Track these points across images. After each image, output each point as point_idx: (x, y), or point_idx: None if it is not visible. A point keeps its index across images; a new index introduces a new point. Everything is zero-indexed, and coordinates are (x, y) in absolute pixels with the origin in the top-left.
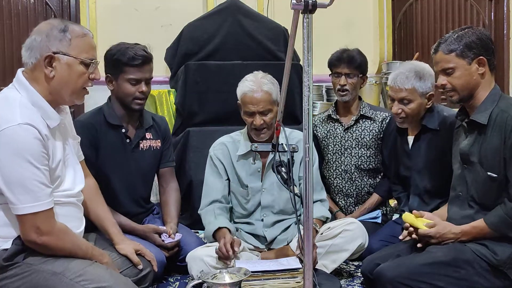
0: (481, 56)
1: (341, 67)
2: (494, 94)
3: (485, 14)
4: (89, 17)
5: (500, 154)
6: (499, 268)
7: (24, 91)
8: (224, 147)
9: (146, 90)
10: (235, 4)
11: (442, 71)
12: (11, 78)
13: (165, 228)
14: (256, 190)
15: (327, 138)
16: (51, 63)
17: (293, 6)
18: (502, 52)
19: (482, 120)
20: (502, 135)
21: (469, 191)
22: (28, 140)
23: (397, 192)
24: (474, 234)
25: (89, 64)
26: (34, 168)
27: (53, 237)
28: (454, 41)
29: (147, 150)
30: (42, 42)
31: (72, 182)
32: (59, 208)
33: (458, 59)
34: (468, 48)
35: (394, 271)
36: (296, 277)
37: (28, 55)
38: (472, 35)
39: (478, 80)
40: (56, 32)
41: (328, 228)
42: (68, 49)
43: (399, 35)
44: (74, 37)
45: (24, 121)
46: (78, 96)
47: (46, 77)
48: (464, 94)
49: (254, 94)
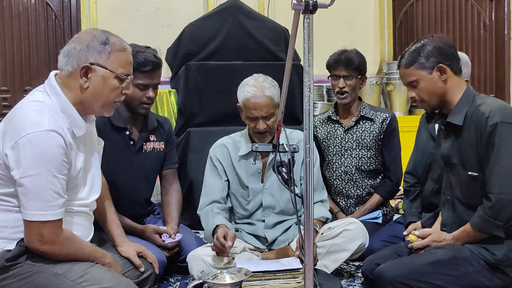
0: (440, 64)
1: (339, 69)
2: (467, 95)
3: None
4: (90, 17)
5: (478, 152)
6: (498, 266)
7: (55, 97)
8: (224, 148)
9: (153, 95)
10: (235, 5)
11: (408, 84)
12: (12, 78)
13: (165, 229)
14: (257, 191)
15: (328, 139)
16: (87, 74)
17: (294, 6)
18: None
19: (458, 121)
20: (478, 133)
21: (455, 193)
22: (52, 147)
23: (408, 184)
24: (465, 238)
25: (124, 80)
26: (52, 176)
27: (57, 246)
28: (412, 54)
29: (151, 152)
30: (82, 51)
31: (89, 192)
32: (70, 217)
33: (418, 71)
34: (425, 58)
35: (394, 271)
36: (296, 277)
37: (65, 61)
38: (428, 44)
39: (443, 86)
40: (96, 43)
41: (329, 228)
42: (106, 62)
43: (400, 35)
44: (114, 51)
45: (51, 127)
46: (108, 108)
47: (81, 87)
48: (434, 103)
49: (257, 100)
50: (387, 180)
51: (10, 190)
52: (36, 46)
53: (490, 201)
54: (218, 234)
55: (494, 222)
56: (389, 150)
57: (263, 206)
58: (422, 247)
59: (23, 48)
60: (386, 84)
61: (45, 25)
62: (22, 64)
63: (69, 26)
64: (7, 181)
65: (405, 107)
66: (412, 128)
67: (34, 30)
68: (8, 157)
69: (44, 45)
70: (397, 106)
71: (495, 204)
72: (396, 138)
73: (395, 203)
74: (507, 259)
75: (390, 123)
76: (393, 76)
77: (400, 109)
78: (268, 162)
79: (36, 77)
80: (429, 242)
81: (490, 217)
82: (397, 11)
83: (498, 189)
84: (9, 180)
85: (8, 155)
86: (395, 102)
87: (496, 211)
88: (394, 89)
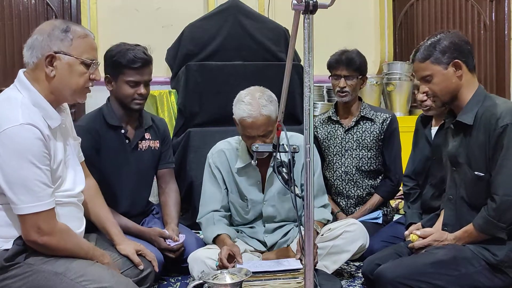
0: (456, 59)
1: (340, 69)
2: (478, 94)
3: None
4: (90, 17)
5: (486, 153)
6: (499, 267)
7: (25, 91)
8: (223, 155)
9: (145, 92)
10: (236, 5)
11: (422, 79)
12: (12, 79)
13: (169, 234)
14: (257, 202)
15: (328, 139)
16: (52, 63)
17: (294, 6)
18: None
19: (468, 120)
20: (487, 134)
21: (459, 192)
22: (30, 140)
23: (408, 188)
24: (467, 239)
25: (89, 65)
26: (35, 168)
27: (55, 237)
28: (428, 48)
29: (146, 150)
30: (44, 41)
31: (73, 183)
32: (59, 208)
33: (434, 65)
34: (441, 53)
35: (394, 271)
36: (297, 278)
37: (29, 54)
38: (444, 39)
39: (458, 82)
40: (58, 32)
41: (329, 229)
42: (69, 49)
43: (400, 36)
44: (76, 38)
45: (26, 121)
46: (80, 94)
47: (47, 76)
48: (446, 98)
49: (253, 120)
50: (387, 180)
51: None
52: None
53: (494, 202)
54: (222, 256)
55: (497, 223)
56: (389, 150)
57: (263, 217)
58: (423, 247)
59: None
60: (386, 84)
61: None
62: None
63: None
64: None
65: (405, 107)
66: (412, 128)
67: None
68: None
69: None
70: (397, 106)
71: (499, 206)
72: (396, 138)
73: (396, 203)
74: (508, 259)
75: (390, 123)
76: (393, 77)
77: (400, 109)
78: (268, 174)
79: None
80: (430, 242)
81: (494, 218)
82: (397, 11)
83: (503, 191)
84: None
85: None
86: (395, 102)
87: (500, 212)
88: (394, 89)
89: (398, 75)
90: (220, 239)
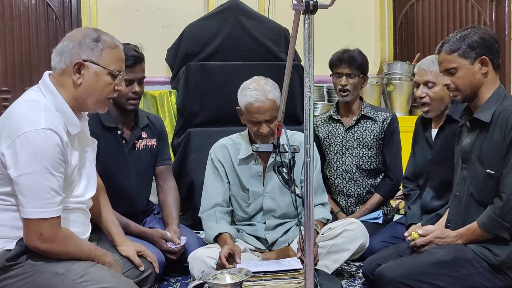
0: (484, 56)
1: (342, 67)
2: (498, 93)
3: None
4: (90, 17)
5: (499, 152)
6: (500, 268)
7: (49, 95)
8: (225, 149)
9: (139, 90)
10: (236, 5)
11: (445, 71)
12: (13, 79)
13: (171, 237)
14: (258, 194)
15: (329, 138)
16: (80, 71)
17: (294, 6)
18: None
19: (486, 118)
20: (503, 133)
21: (468, 189)
22: (49, 145)
23: (408, 189)
24: (469, 236)
25: (116, 76)
26: (49, 174)
27: (56, 244)
28: (457, 41)
29: (144, 149)
30: (74, 49)
31: (84, 189)
32: (67, 213)
33: (461, 59)
34: (470, 48)
35: (394, 271)
36: (297, 278)
37: (58, 59)
38: (474, 34)
39: (481, 79)
40: (88, 40)
41: (329, 228)
42: (98, 59)
43: (400, 36)
44: (106, 48)
45: (47, 126)
46: (101, 105)
47: (74, 83)
48: (467, 94)
49: (260, 104)
50: (387, 180)
51: (7, 189)
52: (37, 47)
53: (501, 201)
54: (222, 254)
55: (502, 222)
56: (389, 149)
57: (263, 210)
58: (425, 244)
59: (24, 48)
60: (387, 84)
61: (45, 26)
62: (23, 64)
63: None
64: (4, 180)
65: (405, 107)
66: (413, 128)
67: (35, 30)
68: (5, 156)
69: (44, 46)
70: (397, 106)
71: (505, 204)
72: (396, 138)
73: (396, 203)
74: (510, 260)
75: (391, 122)
76: (393, 77)
77: (400, 109)
78: (268, 164)
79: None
80: (432, 239)
81: (499, 217)
82: (398, 11)
83: (510, 189)
84: (6, 179)
85: (5, 154)
86: (396, 102)
87: (505, 211)
88: (394, 89)
89: (398, 75)
90: (221, 238)
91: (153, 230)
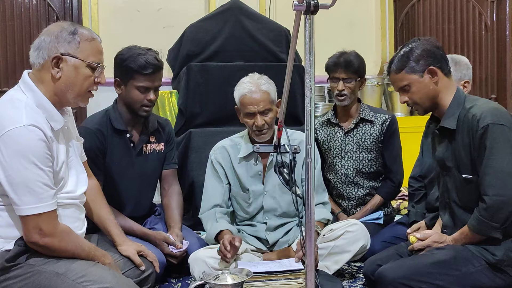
0: (431, 66)
1: (338, 71)
2: (458, 97)
3: (487, 15)
4: (91, 18)
5: (471, 155)
6: (498, 266)
7: (29, 93)
8: (224, 151)
9: (154, 98)
10: (237, 5)
11: (400, 89)
12: (14, 80)
13: (173, 240)
14: (258, 194)
15: (328, 142)
16: (58, 64)
17: (295, 7)
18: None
19: (451, 125)
20: (470, 135)
21: (452, 196)
22: (33, 141)
23: (413, 188)
24: (464, 240)
25: (95, 68)
26: (38, 169)
27: (56, 239)
28: (401, 58)
29: (151, 153)
30: (51, 43)
31: (75, 184)
32: (61, 210)
33: (409, 75)
34: (415, 62)
35: (395, 272)
36: (298, 278)
37: (36, 55)
38: (416, 48)
39: (435, 88)
40: (65, 34)
41: (331, 229)
42: (76, 52)
43: (401, 36)
44: (83, 40)
45: (29, 122)
46: (83, 98)
47: (53, 77)
48: (426, 105)
49: (253, 95)
50: (388, 181)
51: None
52: None
53: (484, 203)
54: (224, 239)
55: (490, 223)
56: (389, 151)
57: (264, 209)
58: (422, 249)
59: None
60: (388, 84)
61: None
62: (24, 65)
63: None
64: None
65: (406, 107)
66: (414, 129)
67: (36, 31)
68: None
69: None
70: (398, 106)
71: (490, 206)
72: (396, 139)
73: (397, 204)
74: (508, 258)
75: (390, 124)
76: None
77: (401, 110)
78: (268, 163)
79: None
80: (429, 243)
81: (486, 218)
82: (399, 12)
83: (492, 191)
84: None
85: None
86: (397, 102)
87: (491, 212)
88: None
89: None
90: (222, 235)
91: (156, 232)
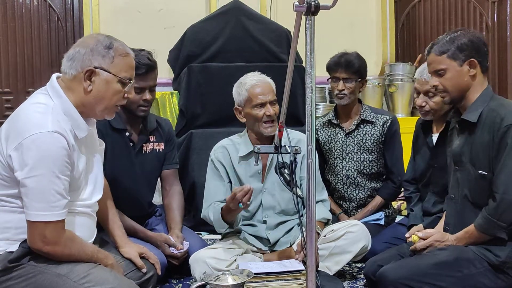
0: (472, 58)
1: (339, 71)
2: (485, 95)
3: (488, 16)
4: (92, 19)
5: (490, 152)
6: (501, 268)
7: (57, 99)
8: (225, 150)
9: (150, 98)
10: (238, 6)
11: (434, 72)
12: (14, 80)
13: (174, 242)
14: (257, 191)
15: (329, 143)
16: (91, 78)
17: (296, 8)
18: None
19: (472, 118)
20: (491, 133)
21: (462, 192)
22: (55, 148)
23: (409, 192)
24: (468, 239)
25: (126, 84)
26: (55, 177)
27: (59, 247)
28: (446, 43)
29: (151, 153)
30: (86, 55)
31: (91, 193)
32: (73, 217)
33: (450, 60)
34: (459, 50)
35: (396, 273)
36: (299, 279)
37: (69, 65)
38: (463, 37)
39: (469, 81)
40: (101, 47)
41: (332, 230)
42: (109, 66)
43: (402, 37)
44: (117, 55)
45: (54, 129)
46: (109, 112)
47: (84, 90)
48: (455, 95)
49: (263, 85)
50: (389, 182)
51: (13, 191)
52: (39, 48)
53: (495, 201)
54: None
55: (498, 223)
56: (390, 152)
57: (263, 206)
58: (425, 248)
59: (26, 50)
60: (389, 85)
61: (47, 27)
62: (25, 66)
63: (72, 28)
64: (10, 182)
65: (407, 108)
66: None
67: (37, 32)
68: (12, 158)
69: (46, 47)
70: (399, 107)
71: (499, 204)
72: (397, 140)
73: (398, 204)
74: (510, 260)
75: (391, 125)
76: (395, 78)
77: (402, 111)
78: (268, 162)
79: (39, 79)
80: (431, 242)
81: (494, 217)
82: (399, 12)
83: (504, 189)
84: (13, 181)
85: (12, 156)
86: (397, 103)
87: (500, 211)
88: (396, 90)
89: (400, 76)
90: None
91: (157, 234)
